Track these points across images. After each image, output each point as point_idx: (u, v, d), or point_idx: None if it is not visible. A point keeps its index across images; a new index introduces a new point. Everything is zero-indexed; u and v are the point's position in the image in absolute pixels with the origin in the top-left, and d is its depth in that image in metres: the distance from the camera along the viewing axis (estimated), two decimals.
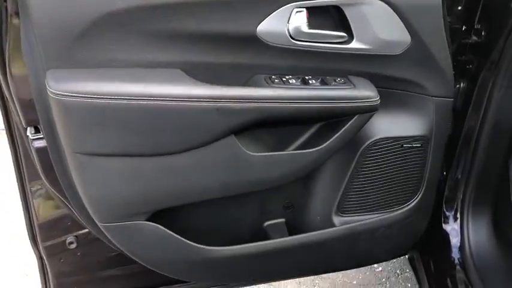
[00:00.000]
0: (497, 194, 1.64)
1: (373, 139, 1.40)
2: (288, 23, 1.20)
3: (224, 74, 1.24)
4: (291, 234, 1.50)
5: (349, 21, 1.24)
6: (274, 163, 1.29)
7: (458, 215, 1.65)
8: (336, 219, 1.49)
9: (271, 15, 1.18)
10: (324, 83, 1.28)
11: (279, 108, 1.20)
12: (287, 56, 1.25)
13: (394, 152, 1.43)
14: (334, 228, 1.46)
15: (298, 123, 1.33)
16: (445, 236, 1.67)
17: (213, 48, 1.20)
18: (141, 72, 1.15)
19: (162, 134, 1.16)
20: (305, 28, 1.23)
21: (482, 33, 1.50)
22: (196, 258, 1.38)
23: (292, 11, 1.19)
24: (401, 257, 2.07)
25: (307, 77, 1.28)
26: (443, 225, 1.68)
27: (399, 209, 1.51)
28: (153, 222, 1.30)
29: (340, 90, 1.25)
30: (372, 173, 1.44)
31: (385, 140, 1.41)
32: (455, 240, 1.65)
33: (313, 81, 1.26)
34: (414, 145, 1.43)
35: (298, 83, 1.25)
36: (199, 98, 1.13)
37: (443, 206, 1.67)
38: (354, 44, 1.26)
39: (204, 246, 1.36)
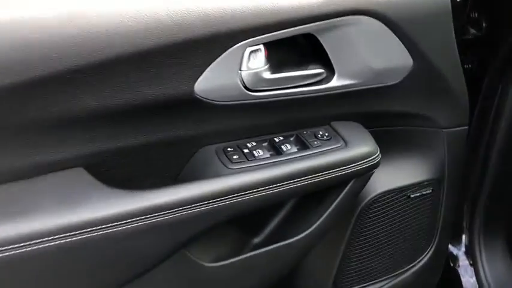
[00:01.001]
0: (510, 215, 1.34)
1: (372, 195, 1.04)
2: (240, 70, 0.79)
3: (157, 158, 0.83)
4: None
5: (327, 51, 0.85)
6: (243, 269, 0.90)
7: (469, 251, 1.35)
8: None
9: (214, 63, 0.76)
10: (301, 143, 0.88)
11: (245, 202, 0.80)
12: (244, 114, 0.85)
13: (399, 205, 1.07)
14: None
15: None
16: (456, 276, 1.37)
17: (133, 125, 0.77)
18: (21, 191, 0.71)
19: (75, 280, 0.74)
20: (265, 73, 0.82)
21: (483, 25, 1.15)
22: None
23: (243, 53, 0.78)
24: None
25: (276, 139, 0.89)
26: (452, 265, 1.37)
27: (409, 268, 1.17)
28: None
29: (328, 154, 0.87)
30: (373, 235, 1.08)
31: (387, 193, 1.05)
32: (470, 282, 1.36)
33: (288, 146, 0.87)
34: (424, 192, 1.08)
35: (267, 154, 0.85)
36: (120, 220, 0.72)
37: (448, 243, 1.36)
38: (336, 82, 0.87)
39: None
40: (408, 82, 0.92)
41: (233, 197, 0.78)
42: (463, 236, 1.38)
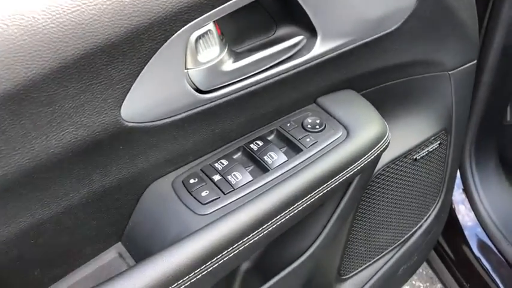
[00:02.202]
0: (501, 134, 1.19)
1: (377, 169, 0.82)
2: (186, 68, 0.51)
3: (83, 223, 0.55)
4: None
5: (304, 7, 0.57)
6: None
7: (462, 177, 1.20)
8: (340, 287, 0.96)
9: (144, 70, 0.47)
10: (288, 143, 0.63)
11: (231, 258, 0.55)
12: (201, 125, 0.57)
13: (404, 172, 0.86)
14: None
15: None
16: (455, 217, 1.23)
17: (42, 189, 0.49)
18: None
19: None
20: (224, 64, 0.54)
21: None
22: None
23: (187, 43, 0.49)
24: None
25: (253, 146, 0.62)
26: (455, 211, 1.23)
27: (417, 229, 1.00)
28: None
29: (328, 154, 0.62)
30: (379, 209, 0.88)
31: (392, 163, 0.83)
32: (466, 220, 1.22)
33: (272, 156, 0.61)
34: (431, 149, 0.87)
35: (247, 176, 0.58)
36: None
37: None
38: (320, 47, 0.61)
39: None
40: (409, 25, 0.67)
41: (215, 260, 0.53)
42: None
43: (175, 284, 0.50)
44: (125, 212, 0.58)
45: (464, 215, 1.26)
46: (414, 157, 0.85)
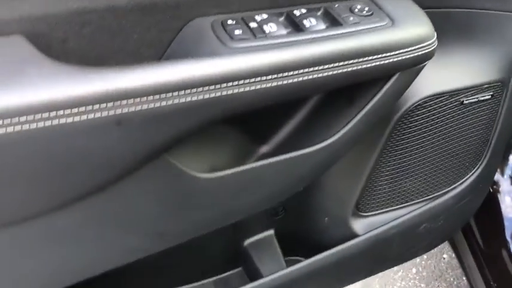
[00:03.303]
0: None
1: (415, 100, 0.80)
2: None
3: (131, 30, 0.59)
4: (284, 248, 0.96)
5: None
6: (247, 182, 0.69)
7: None
8: (355, 223, 0.95)
9: None
10: (331, 20, 0.64)
11: (249, 94, 0.58)
12: None
13: (447, 113, 0.84)
14: (355, 241, 0.92)
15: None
16: (495, 203, 1.17)
17: None
18: None
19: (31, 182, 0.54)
20: None
21: None
22: None
23: None
24: None
25: (297, 12, 0.64)
26: (492, 191, 1.17)
27: (450, 190, 0.97)
28: None
29: (368, 34, 0.62)
30: (410, 149, 0.86)
31: (434, 98, 0.81)
32: (509, 211, 1.16)
33: (312, 21, 0.62)
34: (481, 98, 0.85)
35: (282, 31, 0.61)
36: (74, 105, 0.50)
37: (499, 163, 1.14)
38: None
39: None
40: None
41: (232, 86, 0.55)
42: (509, 162, 1.16)
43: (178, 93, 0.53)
44: (165, 38, 0.62)
45: (509, 206, 1.19)
46: (461, 100, 0.83)
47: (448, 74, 0.81)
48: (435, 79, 0.80)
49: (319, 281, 0.96)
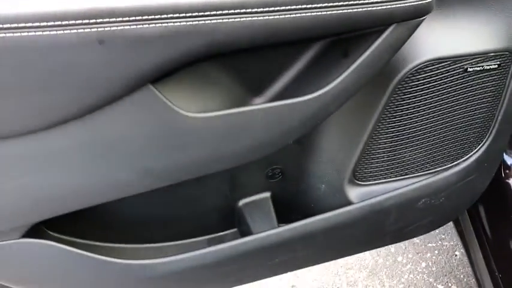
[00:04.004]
0: None
1: (416, 63, 0.79)
2: None
3: None
4: (279, 214, 0.96)
5: None
6: (236, 127, 0.70)
7: None
8: (351, 191, 0.94)
9: None
10: None
11: (240, 25, 0.58)
12: None
13: (450, 81, 0.82)
14: (349, 208, 0.91)
15: (278, 47, 0.72)
16: (507, 190, 1.13)
17: None
18: None
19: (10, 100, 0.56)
20: None
21: None
22: (126, 280, 0.86)
23: None
24: None
25: None
26: (504, 176, 1.13)
27: (452, 166, 0.94)
28: (40, 236, 0.76)
29: None
30: (411, 117, 0.85)
31: (436, 62, 0.80)
32: None
33: None
34: (487, 67, 0.82)
35: None
36: (66, 18, 0.52)
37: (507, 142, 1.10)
38: None
39: (130, 261, 0.83)
40: None
41: (216, 15, 0.56)
42: None
43: None
44: None
45: None
46: (466, 67, 0.81)
47: (451, 39, 0.79)
48: (438, 43, 0.79)
49: (312, 247, 0.96)
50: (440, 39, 0.79)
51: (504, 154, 1.13)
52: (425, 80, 0.81)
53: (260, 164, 0.91)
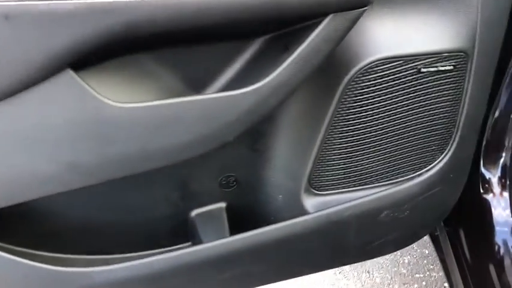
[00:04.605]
0: None
1: (366, 61, 0.76)
2: None
3: None
4: (236, 227, 0.92)
5: None
6: (168, 119, 0.67)
7: (508, 176, 1.04)
8: (308, 201, 0.89)
9: None
10: None
11: (155, 6, 0.56)
12: None
13: (404, 82, 0.79)
14: (304, 218, 0.86)
15: (218, 42, 0.70)
16: (485, 207, 1.07)
17: None
18: None
19: None
20: None
21: None
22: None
23: None
24: None
25: None
26: (482, 192, 1.08)
27: (415, 177, 0.89)
28: None
29: None
30: (364, 120, 0.81)
31: (387, 61, 0.76)
32: (502, 215, 1.06)
33: None
34: (442, 68, 0.79)
35: None
36: None
37: (481, 162, 1.06)
38: None
39: (71, 269, 0.79)
40: None
41: None
42: (502, 156, 1.07)
43: None
44: None
45: (500, 209, 1.09)
46: (419, 67, 0.78)
47: (403, 38, 0.76)
48: (388, 41, 0.76)
49: (266, 262, 0.90)
50: (391, 37, 0.76)
51: (482, 168, 1.08)
52: (376, 81, 0.77)
53: (212, 171, 0.87)
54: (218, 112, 0.68)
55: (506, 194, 1.09)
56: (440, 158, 0.89)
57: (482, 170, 1.07)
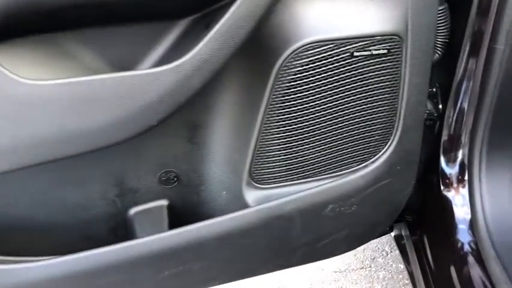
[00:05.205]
0: None
1: (297, 45, 0.74)
2: None
3: None
4: (177, 226, 0.88)
5: None
6: (84, 99, 0.64)
7: (466, 173, 1.02)
8: (250, 195, 0.86)
9: None
10: None
11: None
12: None
13: (338, 66, 0.77)
14: (245, 211, 0.83)
15: (141, 22, 0.69)
16: (447, 205, 1.04)
17: None
18: None
19: None
20: None
21: None
22: None
23: None
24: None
25: None
26: (443, 188, 1.05)
27: (360, 169, 0.87)
28: None
29: None
30: (300, 107, 0.79)
31: (319, 45, 0.75)
32: (462, 212, 1.03)
33: None
34: (375, 52, 0.78)
35: None
36: None
37: (441, 158, 1.03)
38: None
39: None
40: None
41: None
42: (460, 152, 1.04)
43: None
44: None
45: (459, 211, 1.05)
46: (351, 51, 0.76)
47: (334, 21, 0.75)
48: (320, 24, 0.75)
49: (207, 260, 0.86)
50: (322, 21, 0.75)
51: (442, 165, 1.05)
52: (308, 65, 0.76)
53: (150, 166, 0.85)
54: (137, 91, 0.66)
55: (464, 191, 1.07)
56: (384, 149, 0.86)
57: (443, 166, 1.05)
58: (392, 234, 1.34)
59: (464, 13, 0.91)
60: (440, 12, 0.87)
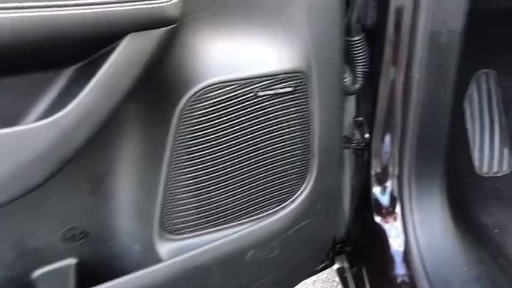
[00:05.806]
0: (451, 155, 1.00)
1: (197, 88, 0.70)
2: None
3: None
4: (89, 283, 0.81)
5: None
6: None
7: (398, 201, 1.00)
8: (163, 247, 0.80)
9: None
10: None
11: None
12: None
13: (243, 107, 0.74)
14: (156, 267, 0.77)
15: (20, 72, 0.63)
16: (382, 236, 1.02)
17: None
18: None
19: None
20: None
21: None
22: None
23: None
24: None
25: None
26: (378, 219, 1.02)
27: (278, 211, 0.83)
28: None
29: None
30: (207, 151, 0.75)
31: (220, 86, 0.71)
32: (396, 244, 1.00)
33: None
34: (280, 91, 0.75)
35: None
36: None
37: (373, 188, 1.01)
38: None
39: None
40: None
41: None
42: (388, 184, 1.03)
43: None
44: None
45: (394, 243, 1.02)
46: (256, 91, 0.73)
47: (234, 61, 0.72)
48: (220, 65, 0.71)
49: None
50: (223, 61, 0.72)
51: (375, 193, 1.03)
52: (212, 108, 0.72)
53: (50, 224, 0.78)
54: (15, 149, 0.60)
55: (397, 222, 1.05)
56: (302, 188, 0.83)
57: (376, 196, 1.03)
58: (334, 267, 1.31)
59: (380, 43, 0.90)
60: (357, 42, 0.86)
